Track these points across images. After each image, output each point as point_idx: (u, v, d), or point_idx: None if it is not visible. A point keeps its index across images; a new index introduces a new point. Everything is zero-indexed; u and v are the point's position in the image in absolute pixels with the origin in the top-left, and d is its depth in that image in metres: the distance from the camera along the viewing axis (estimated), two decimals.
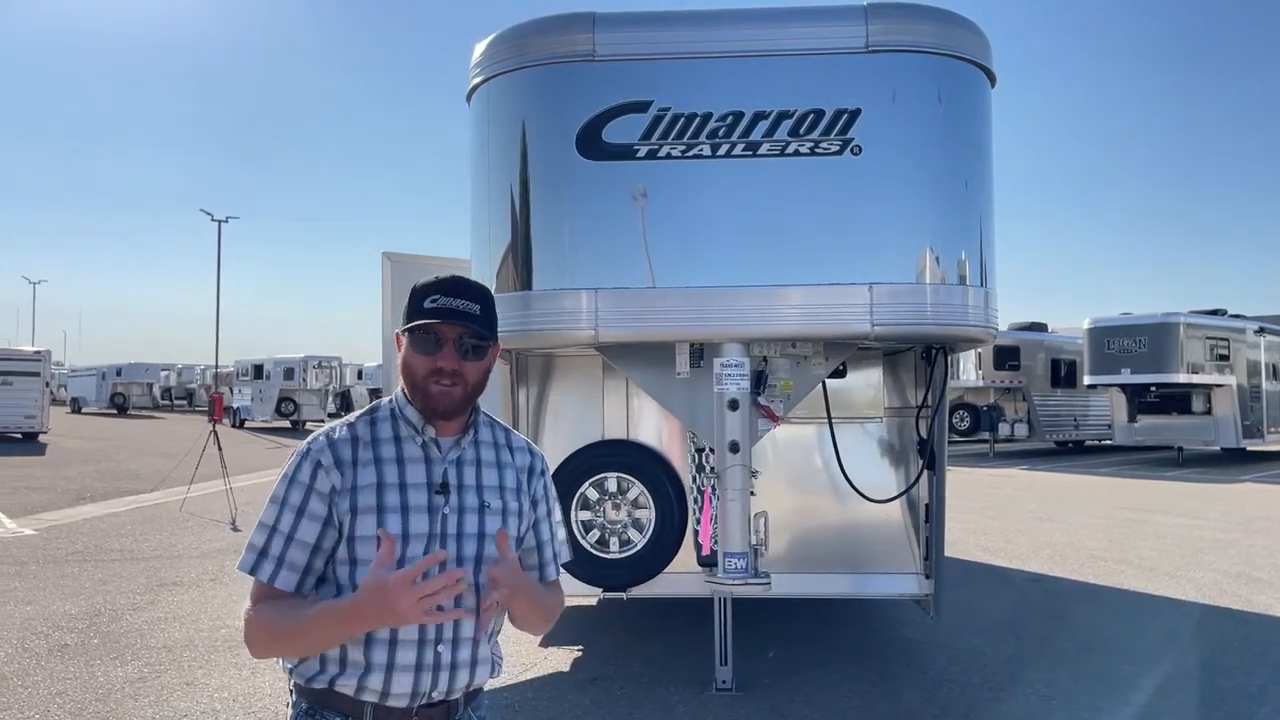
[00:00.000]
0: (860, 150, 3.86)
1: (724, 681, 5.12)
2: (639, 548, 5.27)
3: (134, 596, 7.36)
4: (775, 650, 5.85)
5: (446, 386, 1.72)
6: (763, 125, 3.88)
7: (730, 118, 3.89)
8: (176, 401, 53.42)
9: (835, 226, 3.92)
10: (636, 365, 4.35)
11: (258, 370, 34.40)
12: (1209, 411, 19.83)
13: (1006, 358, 21.98)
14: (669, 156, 3.91)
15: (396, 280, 5.93)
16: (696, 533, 4.91)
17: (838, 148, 3.87)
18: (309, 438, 1.76)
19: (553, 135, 4.02)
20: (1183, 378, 18.85)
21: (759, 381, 4.13)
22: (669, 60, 3.96)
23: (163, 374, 51.76)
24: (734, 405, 4.00)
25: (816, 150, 3.87)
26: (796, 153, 3.87)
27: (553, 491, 1.96)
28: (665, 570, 5.33)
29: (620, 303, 3.87)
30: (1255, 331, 20.44)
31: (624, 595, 5.32)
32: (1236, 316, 20.93)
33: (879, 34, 3.90)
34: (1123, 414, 20.61)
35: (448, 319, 1.71)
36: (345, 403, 38.85)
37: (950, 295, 3.95)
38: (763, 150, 3.89)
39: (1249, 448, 20.33)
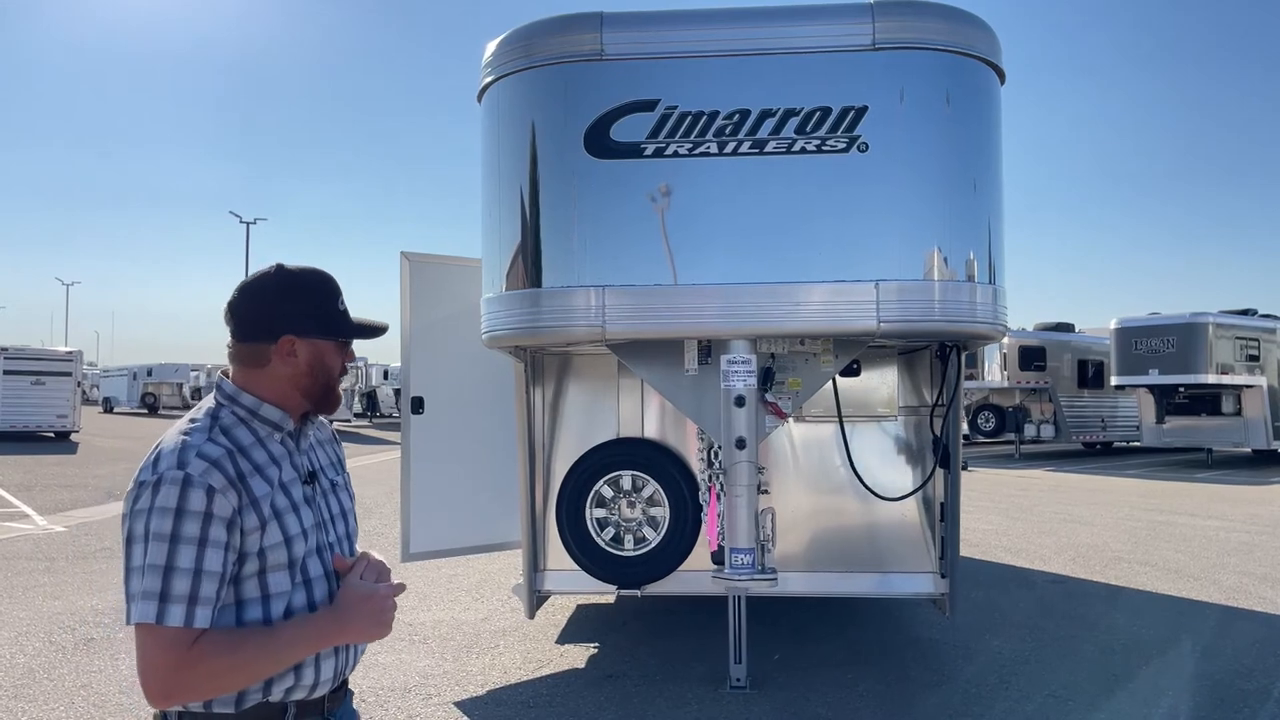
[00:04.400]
0: (867, 147, 3.85)
1: (738, 679, 5.13)
2: (654, 545, 5.29)
3: None
4: (782, 653, 5.85)
5: (340, 381, 1.84)
6: (769, 123, 3.88)
7: (737, 116, 3.89)
8: None
9: (842, 224, 3.91)
10: (645, 362, 4.36)
11: None
12: (1239, 412, 19.54)
13: (1032, 358, 21.79)
14: (676, 155, 3.92)
15: (416, 280, 5.97)
16: (705, 525, 4.92)
17: (844, 145, 3.86)
18: (168, 463, 1.60)
19: (561, 134, 4.04)
20: (1212, 378, 18.59)
21: (766, 378, 4.14)
22: (676, 59, 3.97)
23: (193, 374, 52.34)
24: (740, 402, 4.00)
25: (823, 148, 3.87)
26: (803, 150, 3.87)
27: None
28: (680, 568, 5.35)
29: (627, 300, 3.89)
30: None
31: (639, 593, 5.34)
32: (1267, 316, 20.61)
33: (885, 31, 3.89)
34: (1151, 415, 20.34)
35: (365, 323, 1.85)
36: (371, 403, 39.15)
37: (958, 292, 3.93)
38: (769, 148, 3.89)
39: None
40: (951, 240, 3.95)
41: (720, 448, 4.59)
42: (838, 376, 4.84)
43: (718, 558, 5.17)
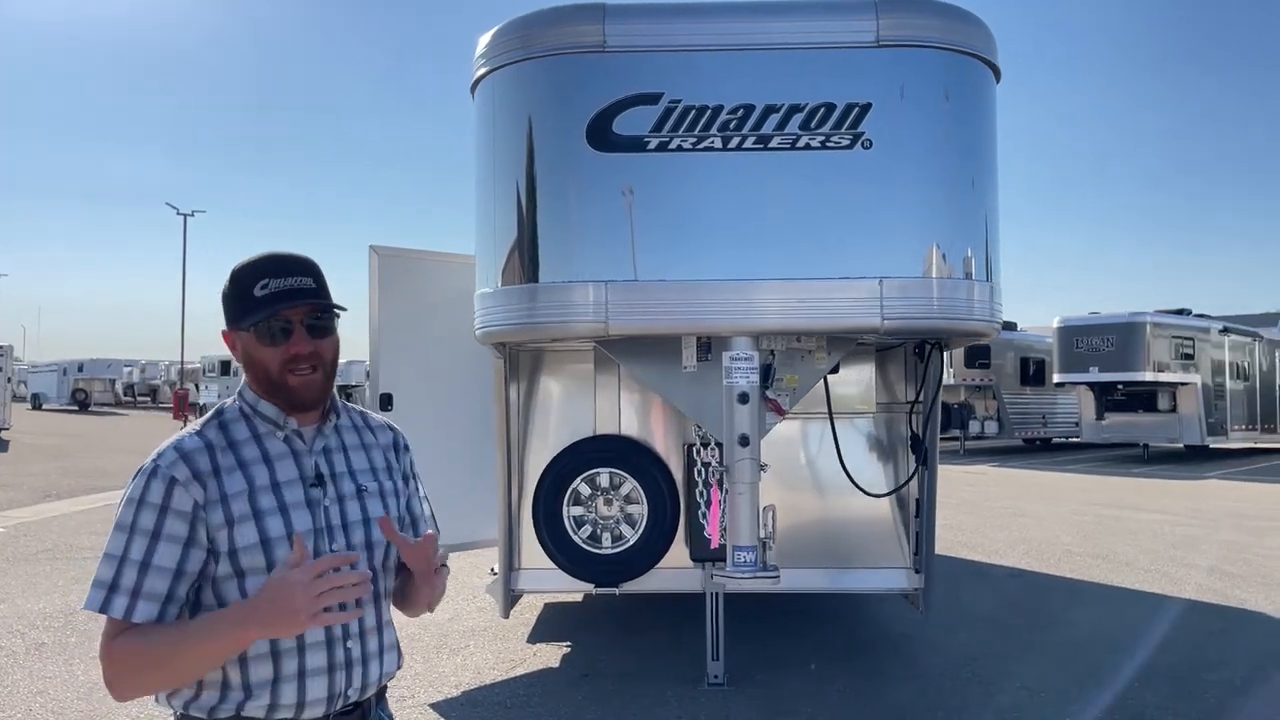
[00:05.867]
0: (871, 144, 3.86)
1: (716, 676, 5.12)
2: (631, 543, 5.25)
3: None
4: (756, 649, 5.86)
5: (306, 374, 1.64)
6: (774, 118, 3.86)
7: (741, 110, 3.87)
8: (140, 398, 52.70)
9: (846, 220, 3.91)
10: (640, 360, 4.31)
11: (225, 366, 33.97)
12: (1174, 409, 20.15)
13: (977, 356, 22.20)
14: (680, 149, 3.88)
15: (385, 275, 5.85)
16: (703, 527, 4.89)
17: (848, 142, 3.86)
18: (154, 453, 1.59)
19: (562, 126, 3.98)
20: (1149, 376, 19.15)
21: (766, 375, 4.13)
22: (680, 52, 3.93)
23: (126, 370, 51.02)
24: (744, 399, 3.98)
25: (827, 144, 3.86)
26: (807, 146, 3.86)
27: (416, 466, 1.93)
28: (657, 565, 5.31)
29: (631, 295, 3.82)
30: (1219, 331, 20.80)
31: (616, 591, 5.30)
32: (1201, 316, 21.29)
33: (889, 28, 3.89)
34: (1091, 412, 20.90)
35: (289, 301, 1.62)
36: None
37: (955, 289, 3.95)
38: (773, 144, 3.86)
39: (1212, 445, 20.69)
40: (951, 237, 3.97)
41: (717, 445, 4.57)
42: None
43: (700, 557, 5.16)
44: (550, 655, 5.75)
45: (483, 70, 4.20)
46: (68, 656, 5.65)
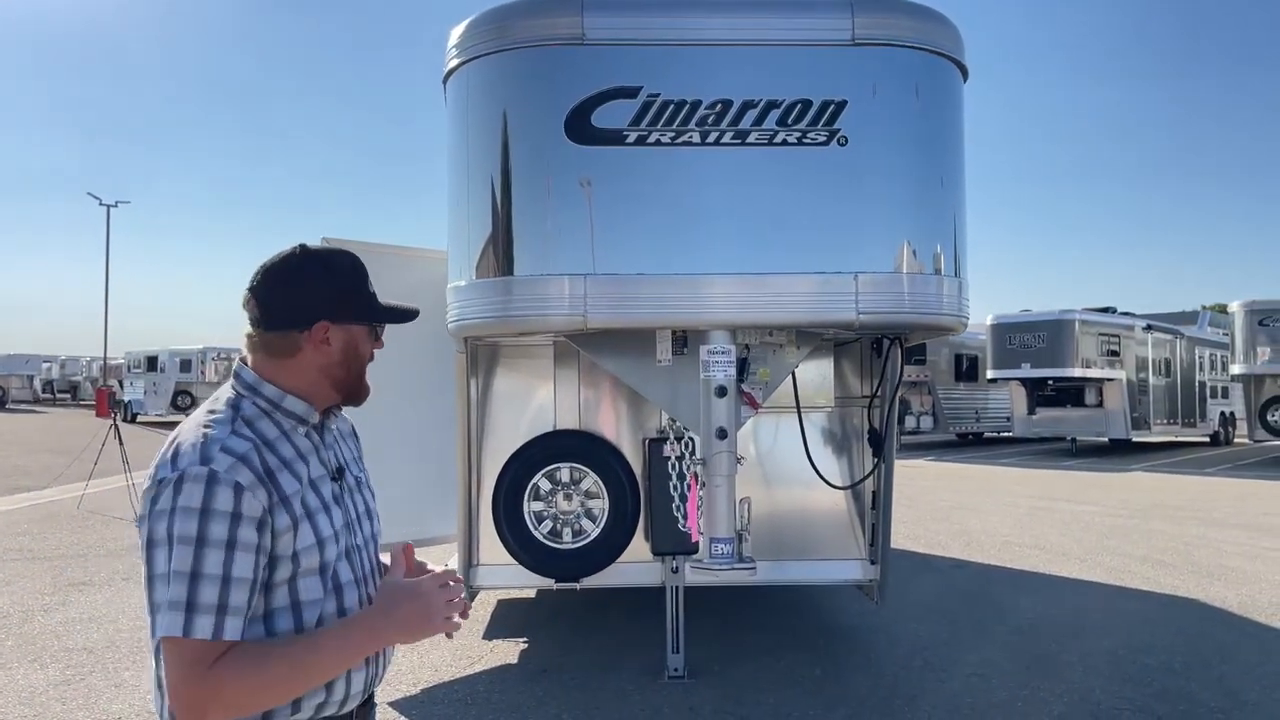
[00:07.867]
0: (846, 141, 3.90)
1: (676, 669, 5.16)
2: (592, 538, 5.25)
3: (43, 597, 7.00)
4: (714, 641, 5.91)
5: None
6: (751, 114, 3.88)
7: (720, 105, 3.89)
8: (59, 395, 50.96)
9: (823, 216, 3.95)
10: (613, 353, 4.31)
11: (151, 362, 32.95)
12: (1100, 404, 20.78)
13: (913, 352, 22.61)
14: (659, 143, 3.88)
15: None
16: (678, 520, 4.90)
17: (824, 138, 3.91)
18: (190, 458, 1.47)
19: (540, 119, 3.95)
20: (1078, 372, 19.73)
21: (742, 369, 4.16)
22: (659, 46, 3.95)
23: (45, 366, 49.29)
24: (722, 392, 4.00)
25: (804, 140, 3.90)
26: (784, 142, 3.89)
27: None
28: (617, 560, 5.31)
29: (610, 288, 3.82)
30: (1144, 329, 21.52)
31: (577, 585, 5.29)
32: (1126, 314, 22.00)
33: (864, 27, 3.94)
34: (1022, 407, 21.45)
35: (402, 311, 1.75)
36: None
37: (926, 285, 4.03)
38: (751, 139, 3.89)
39: (1135, 439, 21.39)
40: (921, 234, 4.04)
41: (690, 439, 4.59)
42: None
43: (659, 549, 5.18)
44: (507, 651, 5.72)
45: (456, 61, 4.15)
46: (4, 661, 5.46)
